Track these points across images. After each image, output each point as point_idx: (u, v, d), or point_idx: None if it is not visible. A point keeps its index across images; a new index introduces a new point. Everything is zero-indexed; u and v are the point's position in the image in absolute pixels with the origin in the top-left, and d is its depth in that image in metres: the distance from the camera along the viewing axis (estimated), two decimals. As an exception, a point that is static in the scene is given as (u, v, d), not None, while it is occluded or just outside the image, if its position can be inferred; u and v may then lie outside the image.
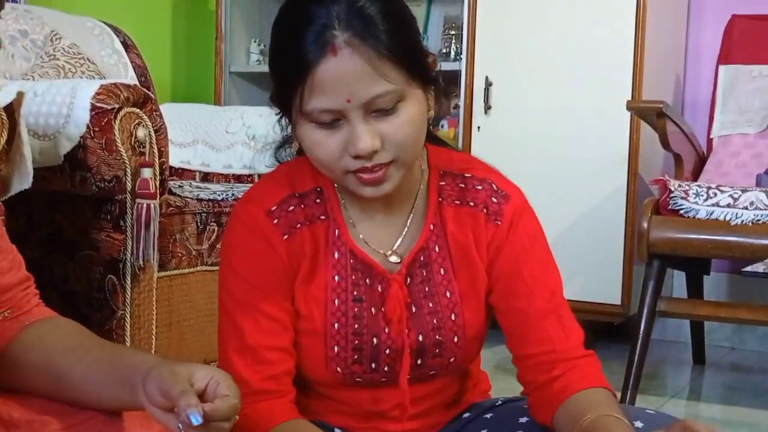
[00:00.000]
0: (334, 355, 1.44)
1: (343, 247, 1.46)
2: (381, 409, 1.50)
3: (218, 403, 1.09)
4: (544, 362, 1.45)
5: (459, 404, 1.61)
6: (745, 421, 2.50)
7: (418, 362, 1.47)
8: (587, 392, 1.41)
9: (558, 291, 1.51)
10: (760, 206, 2.59)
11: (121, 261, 2.15)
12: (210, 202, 2.40)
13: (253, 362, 1.42)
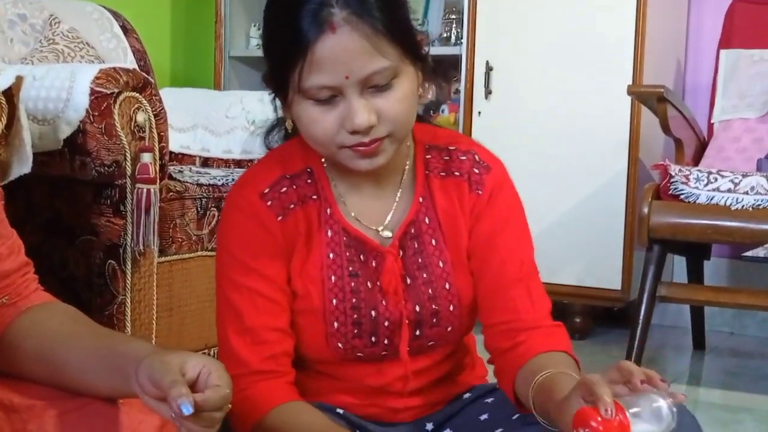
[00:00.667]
0: (334, 331, 1.46)
1: (335, 225, 1.48)
2: (383, 383, 1.52)
3: (209, 393, 1.09)
4: (510, 330, 1.49)
5: (458, 384, 1.63)
6: (745, 406, 2.50)
7: (416, 333, 1.49)
8: (545, 354, 1.43)
9: (528, 262, 1.54)
10: (761, 191, 2.59)
11: (121, 246, 2.15)
12: (210, 187, 2.40)
13: (252, 343, 1.43)
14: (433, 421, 1.61)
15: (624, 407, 1.21)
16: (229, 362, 1.43)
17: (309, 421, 1.41)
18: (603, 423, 1.19)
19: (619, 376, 1.25)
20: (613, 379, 1.25)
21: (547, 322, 1.51)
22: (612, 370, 1.26)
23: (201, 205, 2.36)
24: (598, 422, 1.19)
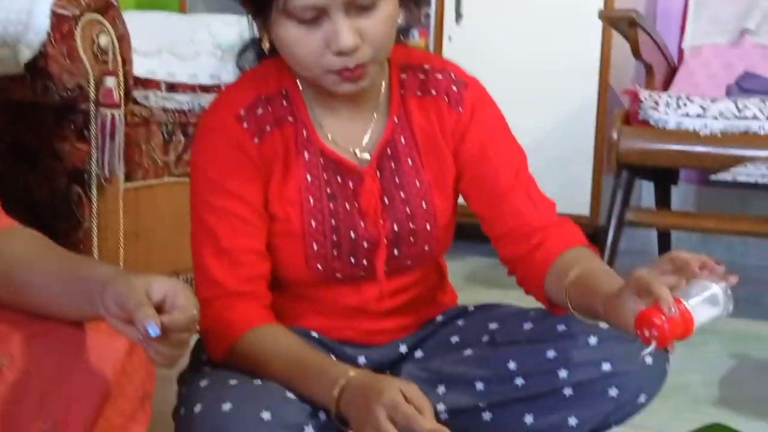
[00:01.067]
0: (314, 253, 1.46)
1: (312, 148, 1.48)
2: (360, 303, 1.53)
3: (176, 315, 1.08)
4: (521, 235, 1.51)
5: (432, 306, 1.65)
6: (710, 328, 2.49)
7: (395, 252, 1.50)
8: (568, 252, 1.47)
9: (523, 168, 1.57)
10: (729, 116, 2.59)
11: (86, 172, 2.13)
12: (176, 113, 2.37)
13: (228, 265, 1.43)
14: (406, 344, 1.62)
15: (682, 300, 1.23)
16: (205, 284, 1.43)
17: (283, 343, 1.42)
18: (668, 321, 1.21)
19: (671, 267, 1.27)
20: (665, 270, 1.27)
21: (555, 220, 1.53)
22: (662, 261, 1.28)
23: (167, 130, 2.34)
24: (663, 320, 1.21)
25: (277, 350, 1.40)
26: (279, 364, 1.38)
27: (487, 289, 2.68)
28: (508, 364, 1.51)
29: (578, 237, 1.52)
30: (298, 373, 1.37)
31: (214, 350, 1.45)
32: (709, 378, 2.11)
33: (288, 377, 1.37)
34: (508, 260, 1.56)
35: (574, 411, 1.50)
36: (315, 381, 1.34)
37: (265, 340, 1.42)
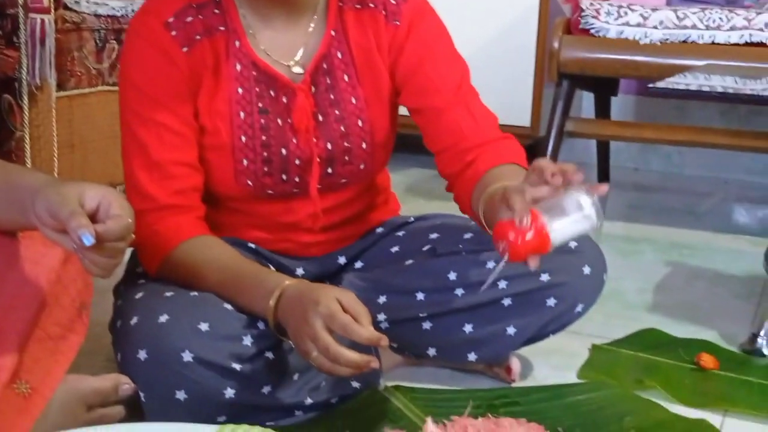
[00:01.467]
0: (243, 169, 1.44)
1: (244, 59, 1.44)
2: (294, 220, 1.52)
3: (110, 224, 1.06)
4: (458, 152, 1.50)
5: (370, 219, 1.64)
6: (646, 237, 2.58)
7: (328, 171, 1.48)
8: (496, 169, 1.45)
9: (465, 83, 1.55)
10: (669, 25, 2.59)
11: (16, 80, 2.06)
12: (109, 18, 2.30)
13: (159, 178, 1.40)
14: (344, 255, 1.62)
15: (542, 212, 1.21)
16: (136, 197, 1.40)
17: (218, 254, 1.40)
18: (519, 233, 1.20)
19: (537, 177, 1.25)
20: (533, 181, 1.25)
21: (494, 136, 1.52)
22: (529, 172, 1.26)
23: (100, 37, 2.27)
24: (515, 234, 1.20)
25: (212, 261, 1.39)
26: (214, 275, 1.37)
27: (428, 201, 2.69)
28: (449, 274, 1.52)
29: (512, 154, 1.50)
30: (233, 284, 1.36)
31: (148, 263, 1.44)
32: (643, 285, 2.15)
33: (223, 288, 1.36)
34: (445, 177, 1.56)
35: (512, 321, 1.52)
36: (251, 291, 1.34)
37: (199, 251, 1.40)
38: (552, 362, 1.70)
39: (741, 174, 3.38)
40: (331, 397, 1.43)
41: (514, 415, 1.39)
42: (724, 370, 1.68)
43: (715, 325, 1.92)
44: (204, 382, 1.29)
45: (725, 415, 1.53)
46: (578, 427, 1.43)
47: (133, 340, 1.30)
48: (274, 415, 1.37)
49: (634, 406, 1.51)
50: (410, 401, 1.49)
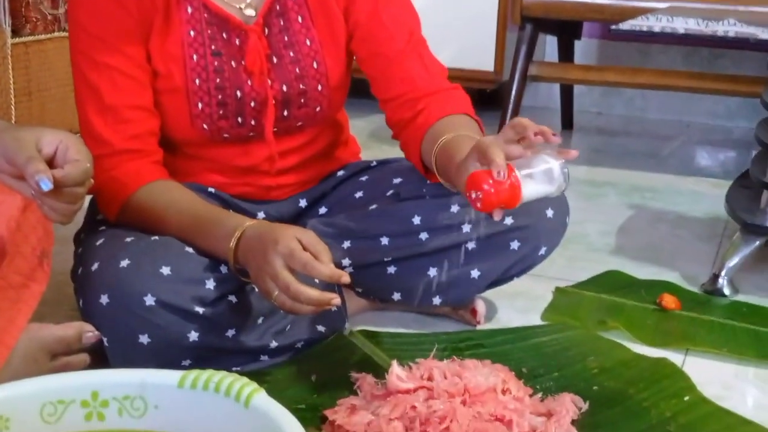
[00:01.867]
0: (198, 112, 1.42)
1: (195, 1, 1.43)
2: (251, 164, 1.51)
3: (68, 169, 1.05)
4: (408, 100, 1.50)
5: (330, 162, 1.64)
6: (609, 181, 2.59)
7: (284, 114, 1.47)
8: (446, 119, 1.46)
9: (416, 32, 1.55)
10: (633, -32, 2.58)
11: (-30, 26, 2.02)
12: (64, -37, 2.25)
13: (114, 122, 1.38)
14: (306, 198, 1.62)
15: (516, 169, 1.23)
16: (92, 143, 1.38)
17: (177, 197, 1.39)
18: (494, 185, 1.21)
19: (514, 134, 1.26)
20: (509, 138, 1.26)
21: (444, 86, 1.51)
22: (506, 128, 1.27)
23: (55, -19, 2.22)
24: (490, 185, 1.21)
25: (171, 205, 1.38)
26: (174, 219, 1.36)
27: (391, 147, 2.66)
28: (413, 218, 1.52)
29: (461, 105, 1.51)
30: (193, 227, 1.35)
31: (106, 209, 1.42)
32: (606, 228, 2.16)
33: (183, 232, 1.35)
34: (393, 125, 1.55)
35: (477, 264, 1.53)
36: (211, 233, 1.33)
37: (158, 196, 1.39)
38: (516, 305, 1.71)
39: (703, 117, 3.40)
40: (296, 341, 1.43)
41: (478, 357, 1.41)
42: (685, 310, 1.70)
43: (677, 267, 1.94)
44: (167, 326, 1.28)
45: (686, 354, 1.55)
46: (542, 368, 1.44)
47: (95, 285, 1.29)
48: (240, 359, 1.38)
49: (596, 347, 1.53)
50: (375, 345, 1.50)
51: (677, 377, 1.43)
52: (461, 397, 1.26)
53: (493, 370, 1.33)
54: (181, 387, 0.98)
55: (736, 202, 1.91)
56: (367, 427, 1.21)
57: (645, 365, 1.47)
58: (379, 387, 1.32)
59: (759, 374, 1.50)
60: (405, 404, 1.23)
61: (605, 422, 1.30)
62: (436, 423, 1.21)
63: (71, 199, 1.06)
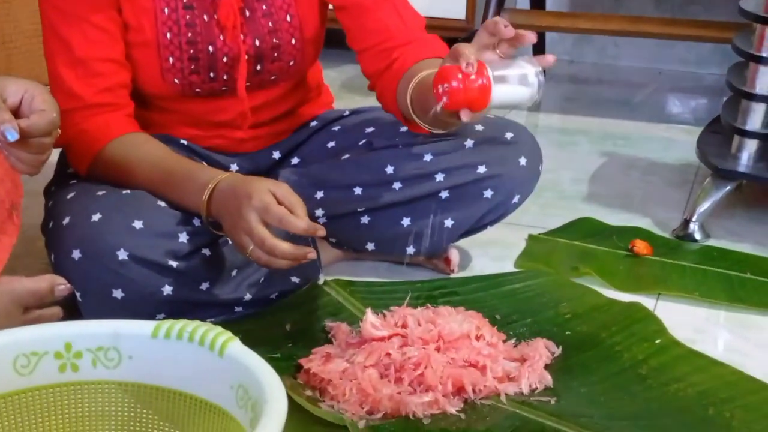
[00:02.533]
0: (169, 67, 1.40)
1: None
2: (223, 118, 1.50)
3: (35, 119, 1.03)
4: (384, 50, 1.48)
5: (303, 114, 1.63)
6: (581, 129, 2.59)
7: (257, 68, 1.46)
8: (422, 62, 1.43)
9: None
10: None
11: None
12: None
13: (84, 75, 1.36)
14: (279, 150, 1.61)
15: (488, 68, 1.20)
16: (62, 97, 1.36)
17: (149, 150, 1.38)
18: (464, 80, 1.18)
19: (488, 37, 1.23)
20: (484, 42, 1.24)
21: (420, 36, 1.50)
22: (480, 32, 1.24)
23: (19, -69, 2.18)
24: (459, 80, 1.18)
25: (143, 158, 1.37)
26: (145, 173, 1.35)
27: (363, 97, 2.65)
28: (386, 168, 1.51)
29: (438, 50, 1.49)
30: (165, 181, 1.34)
31: (77, 163, 1.41)
32: (579, 175, 2.17)
33: (155, 185, 1.34)
34: (369, 75, 1.53)
35: (450, 213, 1.53)
36: (183, 187, 1.32)
37: (129, 149, 1.38)
38: (490, 253, 1.72)
39: (675, 64, 3.40)
40: (270, 293, 1.43)
41: (452, 304, 1.41)
42: (657, 255, 1.72)
43: (649, 213, 1.95)
44: (140, 280, 1.28)
45: (658, 299, 1.57)
46: (515, 314, 1.45)
47: (66, 240, 1.28)
48: (215, 311, 1.38)
49: (569, 293, 1.54)
50: (350, 294, 1.50)
51: (649, 321, 1.44)
52: (435, 343, 1.27)
53: (467, 317, 1.34)
54: (154, 337, 0.98)
55: (708, 148, 1.92)
56: (342, 374, 1.22)
57: (617, 310, 1.48)
58: (353, 335, 1.33)
59: (729, 317, 1.52)
60: (380, 351, 1.24)
61: (578, 366, 1.31)
62: (410, 369, 1.21)
63: (38, 150, 1.05)
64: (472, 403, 1.21)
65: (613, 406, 1.22)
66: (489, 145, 1.53)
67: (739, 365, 1.33)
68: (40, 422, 0.97)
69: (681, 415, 1.20)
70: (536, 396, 1.24)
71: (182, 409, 0.98)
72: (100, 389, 0.99)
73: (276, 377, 0.90)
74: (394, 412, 1.18)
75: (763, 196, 2.02)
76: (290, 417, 0.86)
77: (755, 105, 1.82)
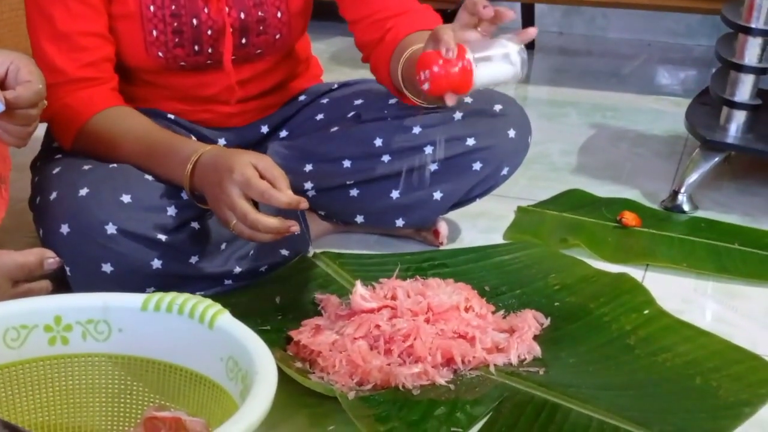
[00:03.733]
0: (153, 40, 1.39)
1: None
2: (209, 93, 1.49)
3: (20, 90, 1.03)
4: (376, 21, 1.48)
5: (292, 88, 1.62)
6: (570, 101, 2.59)
7: (242, 41, 1.45)
8: (414, 34, 1.44)
9: None
10: None
11: None
12: None
13: (68, 50, 1.35)
14: (267, 124, 1.60)
15: (469, 51, 1.20)
16: (45, 71, 1.34)
17: (133, 124, 1.37)
18: (444, 65, 1.18)
19: (468, 17, 1.24)
20: (464, 22, 1.24)
21: (414, 6, 1.49)
22: (461, 12, 1.25)
23: None
24: (440, 65, 1.18)
25: (127, 132, 1.36)
26: (129, 146, 1.35)
27: (353, 69, 2.65)
28: (375, 141, 1.51)
29: (431, 21, 1.48)
30: (148, 154, 1.33)
31: (62, 138, 1.40)
32: (568, 147, 2.17)
33: (140, 159, 1.34)
34: (362, 47, 1.53)
35: (439, 186, 1.53)
36: (167, 160, 1.32)
37: (113, 122, 1.37)
38: (479, 225, 1.72)
39: (664, 36, 3.40)
40: (259, 265, 1.43)
41: (441, 276, 1.42)
42: (645, 227, 1.72)
43: (638, 184, 1.95)
44: (130, 254, 1.28)
45: (647, 270, 1.57)
46: (504, 286, 1.46)
47: (54, 214, 1.28)
48: (204, 284, 1.38)
49: (558, 264, 1.54)
50: (339, 267, 1.50)
51: (637, 292, 1.45)
52: (424, 315, 1.27)
53: (456, 289, 1.34)
54: (144, 310, 0.98)
55: (696, 119, 1.92)
56: (332, 346, 1.22)
57: (606, 281, 1.49)
58: (343, 307, 1.33)
59: (717, 288, 1.53)
60: (369, 323, 1.24)
61: (567, 337, 1.32)
62: (400, 341, 1.22)
63: (24, 121, 1.05)
64: (461, 374, 1.22)
65: (602, 376, 1.23)
66: (478, 117, 1.53)
67: (726, 335, 1.34)
68: (30, 395, 0.97)
69: (668, 384, 1.21)
70: (525, 367, 1.25)
71: (172, 381, 0.98)
72: (90, 362, 0.99)
73: (266, 349, 0.90)
74: (383, 383, 1.18)
75: (751, 167, 2.03)
76: (280, 389, 0.86)
77: (744, 76, 1.82)
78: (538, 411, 1.15)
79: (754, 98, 1.83)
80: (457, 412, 1.14)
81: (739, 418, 1.14)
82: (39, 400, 0.98)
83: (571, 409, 1.15)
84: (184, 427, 0.90)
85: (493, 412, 1.15)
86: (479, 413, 1.14)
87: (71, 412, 0.99)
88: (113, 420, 1.00)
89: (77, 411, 0.99)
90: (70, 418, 0.99)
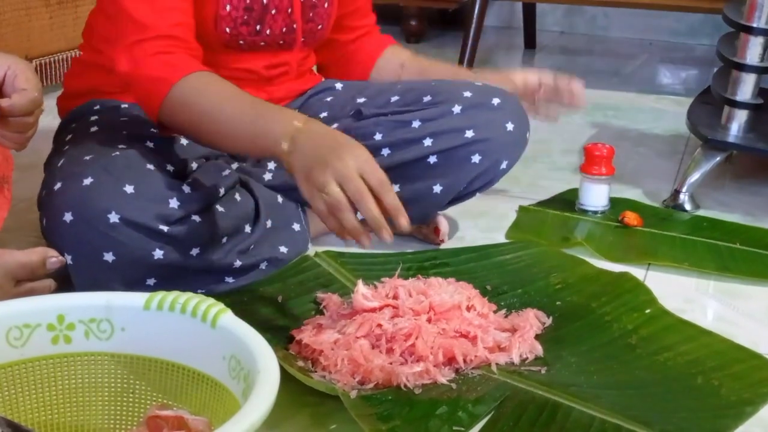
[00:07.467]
0: (225, 14, 1.44)
1: None
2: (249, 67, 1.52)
3: (15, 99, 1.03)
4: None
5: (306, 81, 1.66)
6: (571, 100, 2.59)
7: (293, 26, 1.52)
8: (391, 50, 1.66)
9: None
10: None
11: None
12: None
13: (160, 9, 1.35)
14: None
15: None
16: (131, 28, 1.34)
17: (220, 88, 1.35)
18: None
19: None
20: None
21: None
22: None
23: None
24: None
25: (228, 91, 1.34)
26: (234, 103, 1.32)
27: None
28: (375, 135, 1.52)
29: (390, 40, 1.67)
30: (254, 110, 1.30)
31: (150, 96, 1.35)
32: (569, 147, 2.17)
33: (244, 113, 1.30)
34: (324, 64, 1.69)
35: (438, 179, 1.54)
36: (274, 115, 1.29)
37: (213, 82, 1.35)
38: (480, 225, 1.73)
39: (665, 35, 3.40)
40: (259, 261, 1.43)
41: (443, 275, 1.42)
42: (647, 226, 1.73)
43: (640, 184, 1.96)
44: (131, 244, 1.28)
45: (648, 269, 1.58)
46: (506, 285, 1.46)
47: (58, 203, 1.28)
48: (205, 279, 1.37)
49: (560, 263, 1.54)
50: (341, 266, 1.50)
51: (639, 291, 1.45)
52: (426, 314, 1.27)
53: (458, 288, 1.34)
54: (147, 309, 0.98)
55: (698, 119, 1.92)
56: (334, 345, 1.22)
57: (607, 280, 1.49)
58: (344, 306, 1.33)
59: (719, 287, 1.53)
60: (371, 322, 1.24)
61: (568, 336, 1.32)
62: (401, 340, 1.22)
63: (20, 129, 1.04)
64: (463, 373, 1.22)
65: (603, 375, 1.23)
66: (476, 110, 1.54)
67: (728, 334, 1.34)
68: (33, 394, 0.97)
69: (670, 383, 1.21)
70: (527, 366, 1.25)
71: (175, 380, 0.98)
72: (93, 361, 0.99)
73: (268, 348, 0.90)
74: (385, 382, 1.18)
75: (752, 166, 2.03)
76: (282, 388, 0.87)
77: (745, 75, 1.82)
78: (540, 410, 1.15)
79: (755, 97, 1.83)
80: (459, 411, 1.14)
81: (740, 417, 1.14)
82: (42, 399, 0.98)
83: (573, 408, 1.15)
84: (186, 426, 0.90)
85: (494, 411, 1.15)
86: (481, 412, 1.14)
87: (74, 411, 0.99)
88: (116, 419, 1.00)
89: (80, 410, 0.99)
90: (73, 417, 0.99)
